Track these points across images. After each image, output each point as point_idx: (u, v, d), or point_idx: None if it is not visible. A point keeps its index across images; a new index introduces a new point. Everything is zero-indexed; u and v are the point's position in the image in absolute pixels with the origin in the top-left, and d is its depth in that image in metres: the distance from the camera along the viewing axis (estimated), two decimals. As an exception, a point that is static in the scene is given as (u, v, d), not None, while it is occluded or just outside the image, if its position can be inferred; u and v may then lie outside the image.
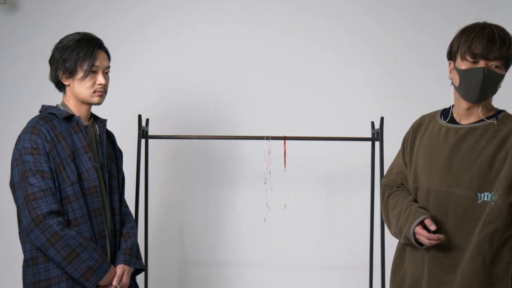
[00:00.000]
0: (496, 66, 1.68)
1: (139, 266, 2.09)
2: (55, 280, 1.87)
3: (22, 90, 3.22)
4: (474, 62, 1.69)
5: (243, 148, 3.19)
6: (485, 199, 1.65)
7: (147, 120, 2.87)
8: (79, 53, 1.97)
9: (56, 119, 1.98)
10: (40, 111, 2.04)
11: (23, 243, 1.93)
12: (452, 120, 1.80)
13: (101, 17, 3.24)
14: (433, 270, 1.70)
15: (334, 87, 3.23)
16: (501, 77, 1.71)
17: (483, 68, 1.67)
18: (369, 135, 2.88)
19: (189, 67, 3.25)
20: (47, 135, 1.92)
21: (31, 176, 1.86)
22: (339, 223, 3.18)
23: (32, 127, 1.93)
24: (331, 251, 3.19)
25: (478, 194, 1.66)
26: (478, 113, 1.74)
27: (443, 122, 1.81)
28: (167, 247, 3.20)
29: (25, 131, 1.94)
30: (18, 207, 1.91)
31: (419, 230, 1.69)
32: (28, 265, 1.91)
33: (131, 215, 2.21)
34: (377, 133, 2.74)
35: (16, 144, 1.95)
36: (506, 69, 1.72)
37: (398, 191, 1.89)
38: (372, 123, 2.85)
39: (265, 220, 2.83)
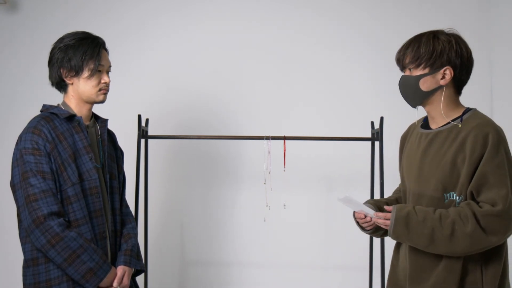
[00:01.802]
0: (410, 69, 1.81)
1: (139, 267, 2.09)
2: (56, 281, 1.87)
3: (22, 89, 3.22)
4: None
5: (243, 148, 3.19)
6: (452, 198, 1.73)
7: (147, 120, 2.86)
8: (85, 51, 1.97)
9: (57, 119, 1.97)
10: (41, 111, 2.03)
11: (23, 243, 1.93)
12: (427, 126, 1.88)
13: (100, 17, 3.24)
14: (413, 266, 1.80)
15: (334, 87, 3.23)
16: (415, 78, 1.78)
17: (401, 77, 1.85)
18: (369, 135, 2.88)
19: (188, 67, 3.25)
20: (48, 135, 1.91)
21: (32, 176, 1.85)
22: (339, 223, 3.19)
23: (33, 127, 1.92)
24: (331, 251, 3.19)
25: (445, 194, 1.74)
26: (441, 116, 1.80)
27: (420, 129, 1.90)
28: (167, 247, 3.20)
29: (26, 131, 1.93)
30: (18, 207, 1.90)
31: (357, 214, 1.87)
32: (28, 266, 1.90)
33: (132, 216, 2.20)
34: (377, 133, 2.74)
35: (17, 144, 1.94)
36: (429, 67, 1.77)
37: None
38: (372, 123, 2.85)
39: (265, 220, 2.83)
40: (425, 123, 1.90)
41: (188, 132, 3.15)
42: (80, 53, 1.97)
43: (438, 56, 1.75)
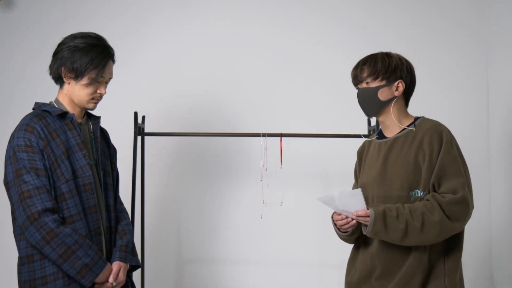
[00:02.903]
0: (368, 83, 2.01)
1: (135, 263, 2.09)
2: (51, 278, 1.86)
3: (17, 88, 3.20)
4: (357, 89, 2.06)
5: (240, 145, 3.18)
6: (417, 195, 1.92)
7: (143, 117, 2.86)
8: (92, 60, 1.96)
9: (50, 117, 1.97)
10: (33, 108, 2.03)
11: (18, 240, 1.93)
12: (382, 136, 2.08)
13: (97, 14, 3.23)
14: (384, 263, 1.95)
15: (330, 84, 3.22)
16: (374, 89, 1.99)
17: (357, 90, 2.05)
18: (366, 132, 2.88)
19: (185, 65, 3.24)
20: (41, 132, 1.91)
21: (25, 173, 1.85)
22: (336, 220, 3.18)
23: (26, 125, 1.92)
24: (328, 248, 3.17)
25: (410, 193, 1.92)
26: (395, 124, 2.02)
27: (377, 140, 2.09)
28: (164, 244, 3.19)
29: (18, 128, 1.93)
30: (12, 205, 1.91)
31: (335, 216, 2.01)
32: (23, 263, 1.90)
33: (126, 212, 2.20)
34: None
35: (10, 141, 1.94)
36: (386, 79, 1.99)
37: None
38: (369, 120, 2.85)
39: (261, 217, 2.82)
40: (380, 135, 2.10)
41: (185, 130, 3.15)
42: (86, 59, 1.95)
43: (393, 71, 1.99)
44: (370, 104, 2.01)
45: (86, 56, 1.96)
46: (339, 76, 3.21)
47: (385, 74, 1.98)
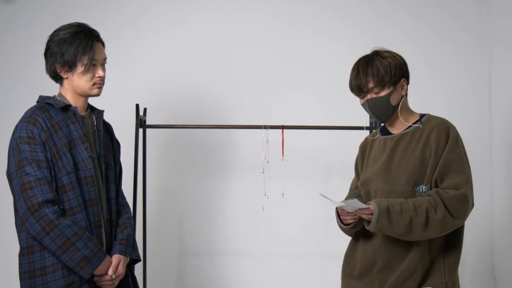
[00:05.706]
0: (376, 93, 1.98)
1: (135, 257, 2.10)
2: (50, 269, 1.88)
3: (19, 81, 3.21)
4: (362, 97, 2.03)
5: (241, 137, 3.19)
6: (421, 191, 1.93)
7: (145, 110, 2.86)
8: (78, 46, 1.97)
9: (53, 109, 1.99)
10: (37, 102, 2.05)
11: (19, 232, 1.95)
12: (387, 132, 2.09)
13: (98, 7, 3.23)
14: (385, 257, 1.96)
15: (333, 76, 3.21)
16: (385, 98, 1.97)
17: (367, 101, 2.01)
18: (368, 125, 2.87)
19: (186, 57, 3.24)
20: (43, 124, 1.92)
21: (27, 165, 1.87)
22: (337, 212, 3.18)
23: (29, 117, 1.94)
24: (330, 240, 3.18)
25: (415, 188, 1.94)
26: (401, 121, 2.02)
27: (381, 136, 2.10)
28: (165, 237, 3.20)
29: (22, 120, 1.95)
30: (14, 196, 1.93)
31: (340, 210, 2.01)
32: (23, 254, 1.92)
33: (128, 206, 2.21)
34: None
35: (13, 133, 1.96)
36: (392, 85, 1.97)
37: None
38: (371, 112, 2.84)
39: (263, 209, 2.83)
40: (384, 131, 2.11)
41: (186, 122, 3.15)
42: (73, 48, 1.97)
43: (394, 72, 1.97)
44: (384, 111, 2.00)
45: (72, 45, 1.97)
46: (342, 68, 3.19)
47: (390, 79, 1.96)
